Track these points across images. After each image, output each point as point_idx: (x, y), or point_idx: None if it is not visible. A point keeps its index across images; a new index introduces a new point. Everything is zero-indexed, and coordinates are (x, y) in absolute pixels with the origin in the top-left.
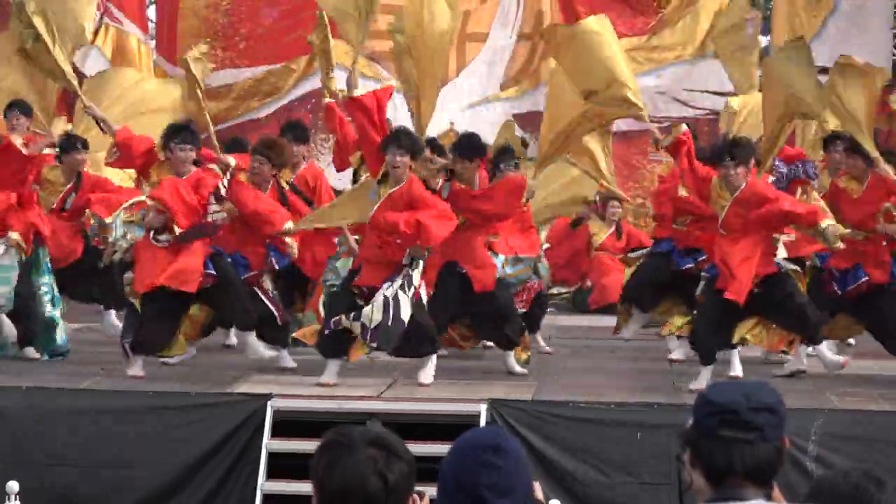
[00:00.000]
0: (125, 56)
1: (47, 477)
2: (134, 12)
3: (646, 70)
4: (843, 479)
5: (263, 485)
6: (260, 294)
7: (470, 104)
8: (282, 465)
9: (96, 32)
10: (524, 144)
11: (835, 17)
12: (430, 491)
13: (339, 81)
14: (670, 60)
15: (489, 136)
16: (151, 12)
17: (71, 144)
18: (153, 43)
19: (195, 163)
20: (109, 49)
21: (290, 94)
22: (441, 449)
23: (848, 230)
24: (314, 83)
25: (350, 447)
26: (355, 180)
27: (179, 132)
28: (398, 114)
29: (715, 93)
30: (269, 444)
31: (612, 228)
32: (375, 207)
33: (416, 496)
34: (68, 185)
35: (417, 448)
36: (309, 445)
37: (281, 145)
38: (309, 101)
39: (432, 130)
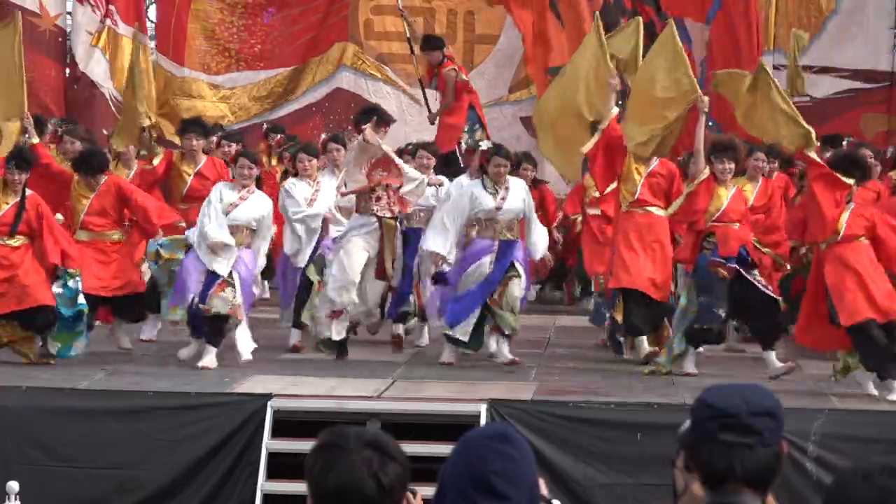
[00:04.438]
0: (123, 57)
1: (47, 477)
2: (131, 14)
3: None
4: (865, 483)
5: (263, 485)
6: None
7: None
8: (282, 465)
9: (98, 35)
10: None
11: (835, 17)
12: (430, 491)
13: (347, 81)
14: None
15: (497, 138)
16: (152, 12)
17: None
18: (153, 43)
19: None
20: (108, 50)
21: (304, 97)
22: (440, 449)
23: None
24: (329, 86)
25: (345, 449)
26: None
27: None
28: (405, 115)
29: None
30: (269, 444)
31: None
32: None
33: (408, 494)
34: None
35: (417, 448)
36: (309, 445)
37: None
38: (323, 105)
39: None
